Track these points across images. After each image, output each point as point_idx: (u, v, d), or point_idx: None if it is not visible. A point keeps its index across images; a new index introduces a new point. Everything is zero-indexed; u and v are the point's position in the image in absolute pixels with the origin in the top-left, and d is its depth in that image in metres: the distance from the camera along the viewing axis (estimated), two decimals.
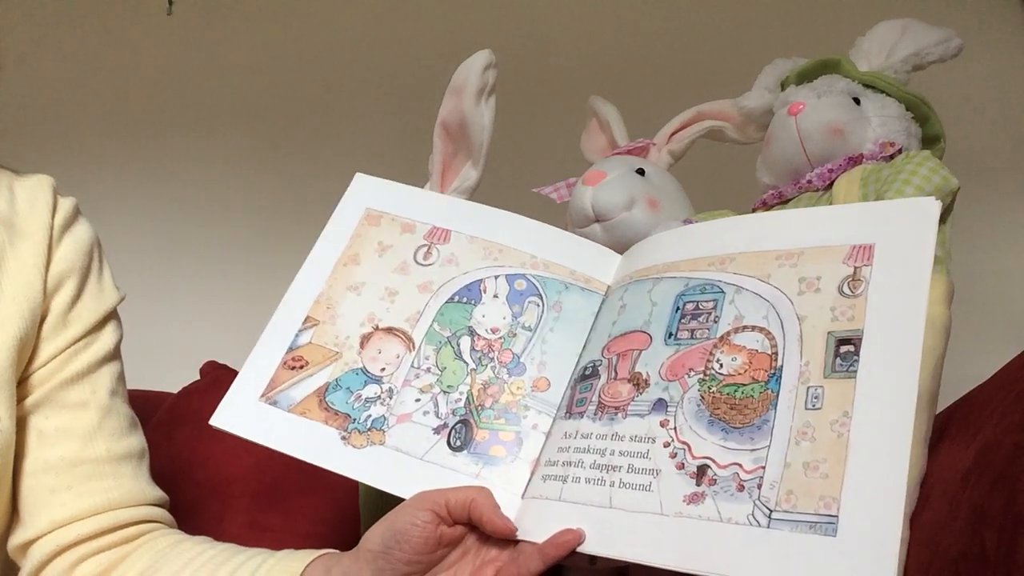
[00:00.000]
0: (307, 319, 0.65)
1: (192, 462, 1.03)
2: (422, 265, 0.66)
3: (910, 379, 0.46)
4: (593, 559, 0.67)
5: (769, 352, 0.51)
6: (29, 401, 0.63)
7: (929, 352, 0.72)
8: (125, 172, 1.59)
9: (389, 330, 0.64)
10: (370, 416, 0.60)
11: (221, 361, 1.16)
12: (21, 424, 0.62)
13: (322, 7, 1.63)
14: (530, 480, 0.57)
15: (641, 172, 0.92)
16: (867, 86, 0.87)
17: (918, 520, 0.67)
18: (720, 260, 0.57)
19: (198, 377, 1.15)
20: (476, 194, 0.93)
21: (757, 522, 0.46)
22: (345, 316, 0.65)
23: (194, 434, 1.06)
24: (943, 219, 0.78)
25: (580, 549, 0.52)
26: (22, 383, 0.63)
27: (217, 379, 1.12)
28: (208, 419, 0.62)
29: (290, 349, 0.64)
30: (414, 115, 1.10)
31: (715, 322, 0.54)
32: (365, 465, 0.59)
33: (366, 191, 0.71)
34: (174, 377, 1.15)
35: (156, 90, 1.63)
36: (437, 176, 0.94)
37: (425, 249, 0.67)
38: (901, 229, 0.51)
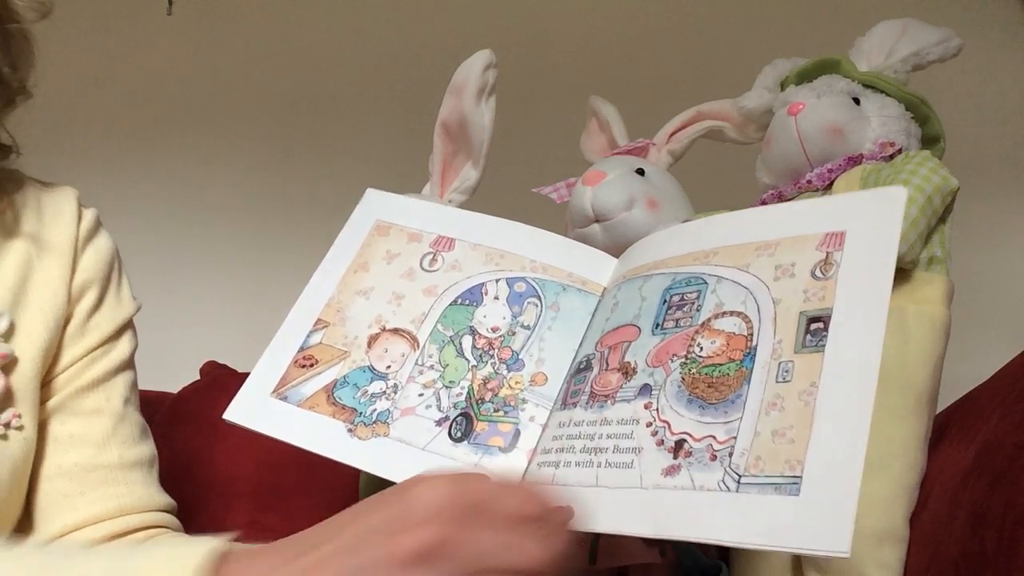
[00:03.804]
0: (318, 321, 0.67)
1: (192, 462, 1.04)
2: (427, 271, 0.69)
3: (874, 350, 0.48)
4: (593, 559, 0.68)
5: (745, 334, 0.53)
6: (49, 405, 0.65)
7: (929, 352, 0.72)
8: (125, 172, 1.59)
9: (395, 331, 0.66)
10: (375, 410, 0.62)
11: (221, 361, 1.16)
12: (39, 429, 0.63)
13: (322, 7, 1.63)
14: (527, 469, 0.58)
15: (641, 172, 0.92)
16: (867, 86, 0.87)
17: (918, 520, 0.67)
18: (704, 255, 0.60)
19: (198, 377, 1.15)
20: (476, 194, 0.93)
21: (727, 487, 0.47)
22: (354, 318, 0.67)
23: (194, 434, 1.05)
24: (943, 219, 0.78)
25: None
26: (45, 386, 0.64)
27: (217, 379, 1.12)
28: (208, 419, 0.63)
29: (301, 349, 0.66)
30: (414, 115, 1.11)
31: (698, 310, 0.57)
32: (370, 455, 0.61)
33: (376, 204, 0.74)
34: (174, 377, 1.15)
35: (156, 90, 1.63)
36: (437, 176, 0.94)
37: (431, 256, 0.70)
38: (870, 215, 0.53)
